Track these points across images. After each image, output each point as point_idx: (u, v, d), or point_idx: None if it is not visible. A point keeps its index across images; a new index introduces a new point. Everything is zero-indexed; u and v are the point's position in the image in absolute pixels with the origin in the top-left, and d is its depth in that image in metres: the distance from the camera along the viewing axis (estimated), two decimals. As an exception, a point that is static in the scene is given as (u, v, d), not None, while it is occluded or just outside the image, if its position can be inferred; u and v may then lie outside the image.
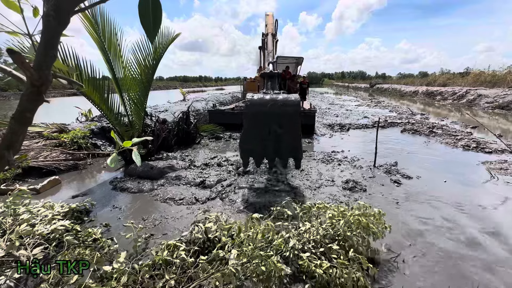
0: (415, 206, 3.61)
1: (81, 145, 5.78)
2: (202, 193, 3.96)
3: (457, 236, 2.91)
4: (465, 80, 23.13)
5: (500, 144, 6.29)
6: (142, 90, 5.06)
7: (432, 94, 22.26)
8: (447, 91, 20.51)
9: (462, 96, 18.04)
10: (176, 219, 3.29)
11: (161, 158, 5.52)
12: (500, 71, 20.26)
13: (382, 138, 4.63)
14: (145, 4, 0.78)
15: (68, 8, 0.72)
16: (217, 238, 2.34)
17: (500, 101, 14.29)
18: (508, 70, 19.57)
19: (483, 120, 11.33)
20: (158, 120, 6.29)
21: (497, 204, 3.65)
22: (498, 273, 2.36)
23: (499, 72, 20.27)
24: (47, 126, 6.32)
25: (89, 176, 4.94)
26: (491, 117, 12.20)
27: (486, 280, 2.27)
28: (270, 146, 3.80)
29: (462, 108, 15.77)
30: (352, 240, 2.19)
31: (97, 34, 4.51)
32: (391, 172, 4.86)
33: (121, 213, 3.47)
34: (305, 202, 3.05)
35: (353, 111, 14.17)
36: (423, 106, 18.04)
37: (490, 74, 20.90)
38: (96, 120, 7.76)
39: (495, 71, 20.81)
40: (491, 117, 12.33)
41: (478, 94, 16.64)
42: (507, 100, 13.92)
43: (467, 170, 5.05)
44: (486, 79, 20.24)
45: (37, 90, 0.83)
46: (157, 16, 0.81)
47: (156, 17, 0.81)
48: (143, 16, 0.79)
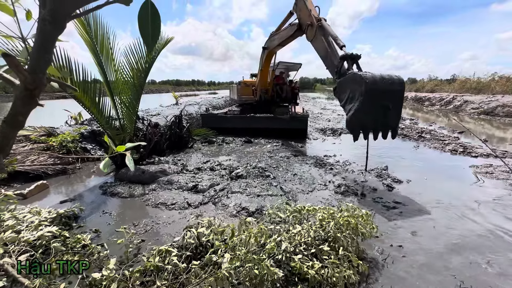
0: (405, 209, 3.69)
1: (70, 149, 5.67)
2: (194, 198, 3.93)
3: (446, 237, 2.99)
4: (452, 87, 23.89)
5: (486, 148, 6.51)
6: (134, 93, 5.02)
7: (420, 100, 22.87)
8: (435, 97, 21.12)
9: (449, 102, 18.61)
10: (168, 224, 3.25)
11: (153, 162, 5.46)
12: (485, 78, 21.08)
13: (373, 142, 4.76)
14: (144, 14, 0.80)
15: (65, 13, 0.73)
16: (209, 243, 2.33)
17: (485, 107, 14.81)
18: (492, 77, 20.37)
19: (469, 125, 11.71)
20: (150, 124, 6.24)
21: (483, 205, 3.76)
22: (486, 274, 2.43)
23: (483, 79, 21.08)
24: (34, 129, 6.17)
25: (78, 181, 4.84)
26: (477, 123, 12.62)
27: (472, 279, 2.34)
28: (380, 119, 4.30)
29: (449, 113, 16.25)
30: (342, 241, 2.23)
31: (90, 38, 4.48)
32: (382, 176, 4.95)
33: (111, 218, 3.41)
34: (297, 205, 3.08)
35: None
36: (412, 111, 18.49)
37: (475, 81, 21.67)
38: (86, 124, 7.63)
39: (480, 78, 21.62)
40: (476, 122, 12.76)
41: (464, 100, 17.20)
42: (492, 106, 14.45)
43: (455, 174, 5.19)
44: (472, 86, 20.97)
45: (30, 93, 0.83)
46: (156, 26, 0.83)
47: (154, 27, 0.83)
48: (142, 25, 0.81)
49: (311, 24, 5.92)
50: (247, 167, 5.26)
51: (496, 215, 3.52)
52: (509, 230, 3.16)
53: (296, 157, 6.36)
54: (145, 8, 0.83)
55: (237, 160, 6.05)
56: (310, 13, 5.97)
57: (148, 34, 0.83)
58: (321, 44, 5.62)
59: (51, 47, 0.80)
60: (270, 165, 5.63)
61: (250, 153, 6.85)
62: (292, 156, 6.41)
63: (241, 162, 5.77)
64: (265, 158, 6.23)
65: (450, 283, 2.31)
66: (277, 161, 5.94)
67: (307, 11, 6.07)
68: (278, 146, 7.61)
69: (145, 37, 0.84)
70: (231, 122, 9.32)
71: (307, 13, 6.09)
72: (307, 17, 6.11)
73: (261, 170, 5.06)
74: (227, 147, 7.50)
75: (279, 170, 5.34)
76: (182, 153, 6.63)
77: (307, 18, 6.11)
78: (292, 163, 5.84)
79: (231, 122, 9.34)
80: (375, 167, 5.49)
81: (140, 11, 0.81)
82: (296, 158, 6.28)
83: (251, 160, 6.04)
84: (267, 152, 6.83)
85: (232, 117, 9.54)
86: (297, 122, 8.73)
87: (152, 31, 0.83)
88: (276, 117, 9.02)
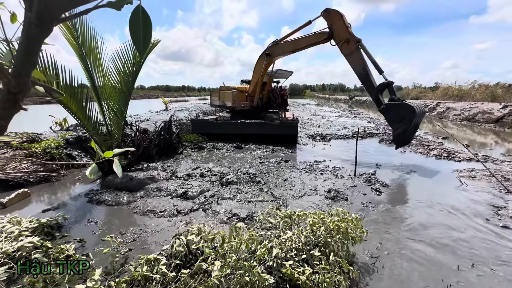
0: (394, 213, 3.76)
1: (54, 156, 5.48)
2: (184, 205, 3.87)
3: (432, 239, 3.06)
4: (435, 94, 24.84)
5: (468, 153, 6.77)
6: (122, 98, 4.94)
7: (406, 107, 23.61)
8: (420, 104, 21.87)
9: (433, 109, 19.30)
10: (157, 232, 3.18)
11: (141, 168, 5.36)
12: (465, 86, 22.05)
13: (362, 148, 4.88)
14: (136, 20, 0.80)
15: (52, 17, 0.71)
16: (199, 251, 2.29)
17: (466, 114, 15.46)
18: (472, 85, 21.33)
19: (452, 131, 12.16)
20: (138, 130, 6.13)
21: (466, 208, 3.88)
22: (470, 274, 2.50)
23: (464, 87, 22.03)
24: (16, 135, 5.94)
25: (62, 189, 4.67)
26: (459, 128, 13.13)
27: (460, 284, 2.40)
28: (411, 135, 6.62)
29: (433, 119, 16.83)
30: (332, 246, 2.24)
31: (76, 42, 4.40)
32: (371, 181, 5.04)
33: (97, 227, 3.30)
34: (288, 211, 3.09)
35: (334, 122, 14.66)
36: (399, 117, 19.02)
37: (457, 88, 22.64)
38: (72, 130, 7.42)
39: (461, 86, 22.60)
40: (459, 128, 13.27)
41: (447, 107, 17.89)
42: (473, 113, 15.09)
43: (439, 178, 5.35)
44: (454, 93, 21.88)
45: (13, 97, 0.81)
46: (147, 31, 0.83)
47: (146, 32, 0.82)
48: (133, 31, 0.81)
49: (348, 41, 6.77)
50: (237, 173, 5.24)
51: (486, 219, 3.64)
52: (491, 232, 3.27)
53: (286, 162, 6.39)
54: (136, 14, 0.82)
55: (228, 166, 6.02)
56: (348, 29, 6.78)
57: (140, 39, 0.82)
58: (359, 63, 6.70)
59: (37, 50, 0.78)
60: (261, 171, 5.63)
61: (241, 159, 6.84)
62: (282, 161, 6.44)
63: (231, 168, 5.74)
64: (255, 164, 6.23)
65: (439, 285, 2.36)
66: (267, 167, 5.95)
67: (344, 27, 6.83)
68: (268, 151, 7.63)
69: (137, 43, 0.83)
70: (221, 128, 9.30)
71: (344, 29, 6.85)
72: (343, 32, 6.86)
73: (251, 176, 5.05)
74: (218, 153, 7.46)
75: (270, 175, 5.35)
76: (172, 159, 6.54)
77: (343, 33, 6.87)
78: (283, 169, 5.86)
79: (222, 128, 9.31)
80: (364, 172, 5.59)
81: (131, 17, 0.80)
82: (287, 163, 6.31)
83: (242, 166, 6.02)
84: (257, 158, 6.83)
85: (222, 123, 9.52)
86: (288, 128, 8.81)
87: (143, 36, 0.82)
88: (267, 123, 9.08)
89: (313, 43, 7.79)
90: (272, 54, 9.04)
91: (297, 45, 8.28)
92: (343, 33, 6.85)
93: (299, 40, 8.25)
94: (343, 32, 6.86)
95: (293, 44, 8.42)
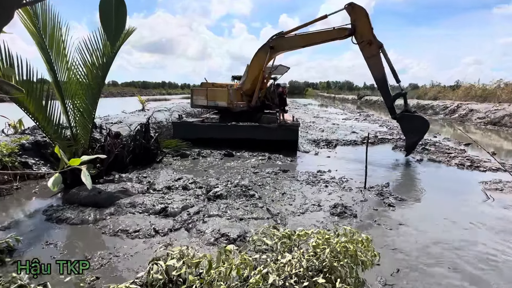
0: (411, 232, 3.80)
1: (6, 164, 5.37)
2: (163, 223, 3.84)
3: (457, 265, 3.09)
4: (455, 94, 25.46)
5: (494, 162, 6.92)
6: (89, 96, 4.92)
7: (423, 108, 24.09)
8: (438, 105, 22.37)
9: (454, 111, 19.77)
10: (130, 256, 3.14)
11: (112, 180, 5.31)
12: (490, 85, 22.66)
13: (373, 156, 4.97)
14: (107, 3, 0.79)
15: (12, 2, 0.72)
16: (181, 278, 2.26)
17: (491, 117, 15.87)
18: (498, 84, 21.95)
19: (476, 136, 12.45)
20: (109, 134, 6.09)
21: (494, 226, 3.95)
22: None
23: (489, 86, 22.65)
24: (-40, 140, 5.81)
25: (15, 204, 4.60)
26: (484, 134, 13.46)
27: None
28: None
29: (454, 123, 17.23)
30: (339, 272, 2.24)
31: (37, 29, 4.39)
32: (384, 195, 5.09)
33: (57, 250, 3.24)
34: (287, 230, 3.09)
35: (340, 126, 14.85)
36: (415, 120, 19.40)
37: (480, 88, 23.27)
38: (29, 133, 7.31)
39: (485, 85, 23.24)
40: (484, 133, 13.61)
41: (469, 109, 18.35)
42: (498, 116, 15.50)
43: (462, 191, 5.46)
44: (477, 93, 22.48)
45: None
46: (121, 17, 0.82)
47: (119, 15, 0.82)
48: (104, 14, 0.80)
49: (371, 43, 7.53)
50: (227, 185, 5.23)
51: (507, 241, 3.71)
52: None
53: (285, 173, 6.42)
54: (107, -5, 0.81)
55: (216, 177, 6.01)
56: (372, 31, 7.51)
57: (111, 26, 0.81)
58: (379, 68, 7.62)
59: (-9, 39, 0.78)
60: (255, 182, 5.64)
61: (231, 168, 6.83)
62: (280, 171, 6.46)
63: (220, 180, 5.73)
64: (249, 175, 6.23)
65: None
66: (263, 178, 5.96)
67: (369, 26, 7.53)
68: (264, 160, 7.66)
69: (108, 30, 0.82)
70: (208, 132, 9.28)
71: (368, 28, 7.55)
72: (367, 32, 7.57)
73: (244, 189, 5.04)
74: (204, 162, 7.44)
75: (266, 188, 5.36)
76: (149, 169, 6.50)
77: (367, 33, 7.58)
78: (281, 180, 5.88)
79: (209, 131, 9.30)
80: (375, 184, 5.65)
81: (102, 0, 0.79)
82: (286, 174, 6.34)
83: (233, 176, 6.02)
84: (251, 168, 6.84)
85: (210, 126, 9.51)
86: (287, 132, 8.86)
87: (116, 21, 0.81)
88: (262, 126, 9.11)
89: (330, 39, 8.24)
90: (277, 48, 9.14)
91: (311, 40, 8.66)
92: (367, 33, 7.48)
93: (314, 35, 8.59)
94: (367, 32, 7.50)
95: (306, 38, 8.73)
